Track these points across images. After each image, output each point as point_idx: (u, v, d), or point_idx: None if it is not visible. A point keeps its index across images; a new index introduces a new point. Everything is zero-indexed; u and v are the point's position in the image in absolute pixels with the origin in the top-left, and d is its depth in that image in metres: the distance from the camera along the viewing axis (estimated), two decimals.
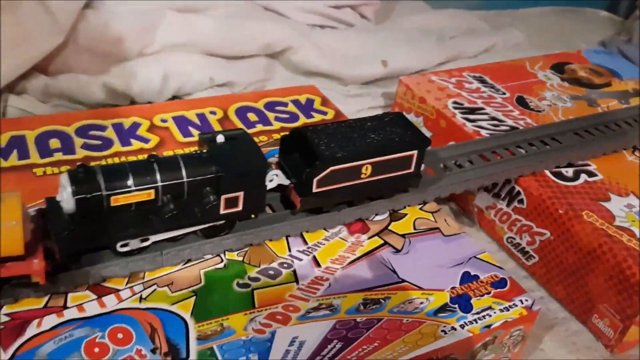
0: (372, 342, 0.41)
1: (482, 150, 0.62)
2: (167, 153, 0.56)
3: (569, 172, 0.62)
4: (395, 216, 0.53)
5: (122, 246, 0.41)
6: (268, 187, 0.47)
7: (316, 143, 0.47)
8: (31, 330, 0.38)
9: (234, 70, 0.78)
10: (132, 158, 0.55)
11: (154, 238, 0.43)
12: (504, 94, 0.76)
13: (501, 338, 0.45)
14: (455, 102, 0.72)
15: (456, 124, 0.68)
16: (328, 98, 0.70)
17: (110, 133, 0.58)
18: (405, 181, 0.52)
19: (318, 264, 0.47)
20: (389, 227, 0.52)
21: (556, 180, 0.60)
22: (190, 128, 0.61)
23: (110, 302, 0.41)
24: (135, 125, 0.60)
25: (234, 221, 0.46)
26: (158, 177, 0.41)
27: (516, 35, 0.99)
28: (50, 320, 0.38)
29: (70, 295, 0.40)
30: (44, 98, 0.67)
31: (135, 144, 0.57)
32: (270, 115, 0.65)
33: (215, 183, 0.43)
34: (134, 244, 0.42)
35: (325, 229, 0.50)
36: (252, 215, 0.47)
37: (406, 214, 0.53)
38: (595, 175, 0.62)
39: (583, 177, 0.62)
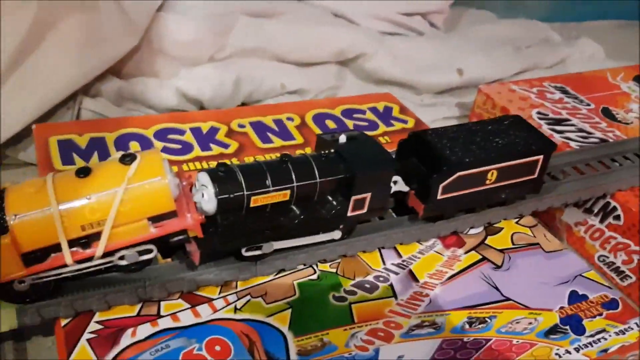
0: None
1: (576, 162, 0.59)
2: (248, 159, 0.54)
3: None
4: (490, 230, 0.50)
5: (247, 250, 0.39)
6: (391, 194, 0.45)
7: (440, 147, 0.44)
8: (126, 340, 0.36)
9: (305, 77, 0.76)
10: (213, 163, 0.53)
11: (283, 244, 0.40)
12: (589, 105, 0.72)
13: None
14: (539, 113, 0.68)
15: None
16: (406, 107, 0.68)
17: (189, 137, 0.56)
18: (526, 187, 0.49)
19: (415, 279, 0.44)
20: (486, 242, 0.48)
21: None
22: (269, 134, 0.59)
23: (205, 312, 0.38)
24: (214, 130, 0.58)
25: (354, 226, 0.44)
26: (293, 176, 0.38)
27: (592, 46, 0.95)
28: (145, 330, 0.36)
29: (162, 303, 0.38)
30: (117, 101, 0.66)
31: (215, 149, 0.55)
32: (349, 123, 0.63)
33: (345, 184, 0.40)
34: (266, 248, 0.40)
35: (420, 241, 0.47)
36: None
37: (502, 228, 0.50)
38: None
39: None
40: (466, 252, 0.47)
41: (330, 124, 0.62)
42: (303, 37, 0.76)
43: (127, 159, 0.33)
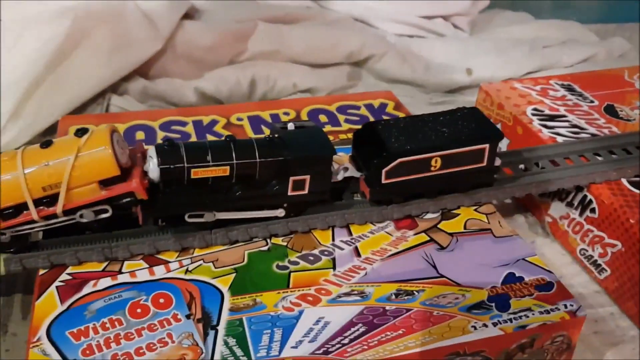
0: (397, 330, 0.41)
1: (555, 155, 0.60)
2: None
3: None
4: (447, 215, 0.53)
5: (190, 217, 0.45)
6: (339, 179, 0.50)
7: (386, 136, 0.49)
8: (87, 289, 0.43)
9: (317, 77, 0.81)
10: None
11: (223, 215, 0.46)
12: (592, 102, 0.72)
13: (541, 342, 0.43)
14: (535, 109, 0.69)
15: (532, 130, 0.65)
16: (402, 103, 0.71)
17: (189, 128, 0.63)
18: (478, 176, 0.52)
19: (358, 254, 0.48)
20: (438, 226, 0.51)
21: (632, 189, 0.56)
22: (262, 126, 0.65)
23: (160, 272, 0.45)
24: (214, 122, 0.65)
25: (300, 205, 0.49)
26: (234, 155, 0.44)
27: (621, 45, 0.93)
28: (105, 282, 0.43)
29: (126, 263, 0.45)
30: (142, 99, 0.75)
31: (210, 138, 0.62)
32: (341, 117, 0.67)
33: (284, 165, 0.46)
34: (208, 216, 0.46)
35: (372, 223, 0.51)
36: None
37: (459, 214, 0.53)
38: None
39: None
40: (416, 234, 0.50)
41: (323, 118, 0.67)
42: (316, 41, 0.81)
43: (80, 132, 0.41)
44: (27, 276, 0.50)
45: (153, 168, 0.42)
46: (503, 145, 0.51)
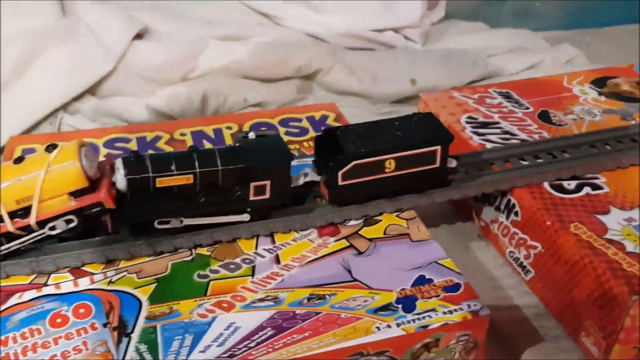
0: (303, 332, 0.43)
1: (480, 162, 0.62)
2: None
3: (572, 184, 0.60)
4: (369, 222, 0.55)
5: (159, 223, 0.48)
6: (300, 183, 0.53)
7: (343, 140, 0.52)
8: (13, 300, 0.45)
9: (267, 92, 0.84)
10: None
11: (189, 221, 0.49)
12: (527, 108, 0.74)
13: (446, 342, 0.46)
14: (469, 117, 0.72)
15: (462, 138, 0.68)
16: (343, 115, 0.74)
17: (132, 145, 0.66)
18: (432, 177, 0.54)
19: (278, 261, 0.50)
20: (360, 232, 0.54)
21: (553, 192, 0.59)
22: (204, 141, 0.67)
23: (84, 284, 0.47)
24: (157, 139, 0.67)
25: (263, 210, 0.51)
26: (197, 164, 0.47)
27: (569, 51, 0.95)
28: (30, 294, 0.46)
29: (52, 275, 0.48)
30: (94, 117, 0.78)
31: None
32: (282, 130, 0.70)
33: (245, 172, 0.48)
34: (174, 223, 0.48)
35: (296, 230, 0.53)
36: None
37: (381, 220, 0.55)
38: (601, 188, 0.60)
39: (586, 189, 0.59)
40: (337, 240, 0.53)
41: None
42: (265, 56, 0.84)
43: (50, 148, 0.44)
44: None
45: (120, 179, 0.45)
46: None
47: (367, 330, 0.44)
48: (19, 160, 0.45)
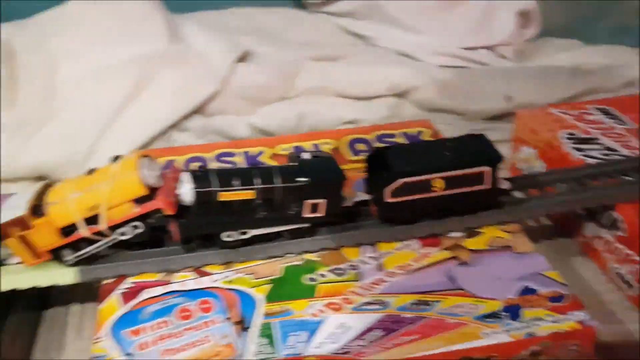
0: (412, 335, 0.45)
1: (581, 177, 0.62)
2: None
3: None
4: (471, 233, 0.56)
5: (227, 236, 0.52)
6: (352, 202, 0.54)
7: (392, 158, 0.53)
8: (144, 295, 0.49)
9: (361, 110, 0.87)
10: None
11: (251, 232, 0.52)
12: (629, 125, 0.73)
13: (553, 351, 0.46)
14: (569, 133, 0.72)
15: (563, 153, 0.68)
16: (439, 131, 0.75)
17: (238, 159, 0.70)
18: (481, 197, 0.55)
19: (383, 268, 0.52)
20: (461, 243, 0.55)
21: None
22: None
23: (205, 282, 0.51)
24: (260, 153, 0.71)
25: (315, 226, 0.54)
26: (258, 181, 0.50)
27: None
28: (159, 290, 0.50)
29: (177, 274, 0.52)
30: (201, 134, 0.83)
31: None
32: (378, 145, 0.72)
33: (301, 190, 0.51)
34: (235, 235, 0.52)
35: (396, 241, 0.55)
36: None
37: (482, 232, 0.56)
38: None
39: None
40: (439, 251, 0.54)
41: (360, 147, 0.72)
42: (359, 76, 0.87)
43: (115, 159, 0.49)
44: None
45: (186, 191, 0.49)
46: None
47: (474, 336, 0.45)
48: (90, 171, 0.49)
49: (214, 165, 0.69)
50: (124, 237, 0.49)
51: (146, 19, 0.86)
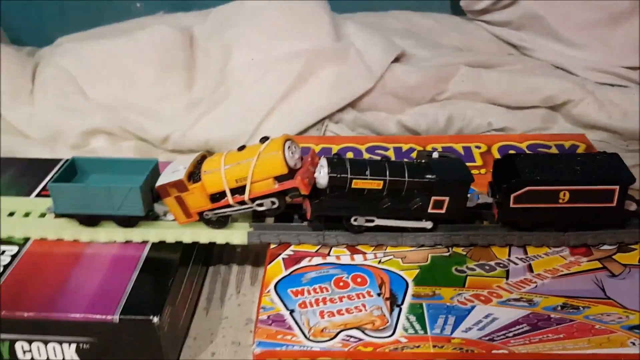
0: (558, 334, 0.46)
1: None
2: None
3: None
4: (624, 248, 0.56)
5: (354, 220, 0.56)
6: (474, 204, 0.57)
7: (521, 166, 0.55)
8: (304, 262, 0.55)
9: (512, 118, 0.87)
10: None
11: (376, 221, 0.56)
12: None
13: None
14: None
15: None
16: (595, 147, 0.75)
17: (390, 152, 0.74)
18: (607, 216, 0.55)
19: (531, 270, 0.54)
20: (613, 256, 0.55)
21: None
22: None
23: (358, 259, 0.55)
24: (411, 150, 0.75)
25: (437, 222, 0.57)
26: (387, 173, 0.54)
27: None
28: (317, 260, 0.55)
29: (333, 249, 0.57)
30: (352, 127, 0.88)
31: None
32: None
33: (428, 186, 0.54)
34: (361, 221, 0.56)
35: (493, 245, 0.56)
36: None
37: (636, 249, 0.56)
38: None
39: None
40: (589, 261, 0.54)
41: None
42: (514, 84, 0.88)
43: (263, 139, 0.54)
44: (255, 252, 0.65)
45: (323, 175, 0.53)
46: None
47: (621, 343, 0.45)
48: (241, 148, 0.54)
49: (366, 157, 0.74)
50: (260, 209, 0.54)
51: (314, 17, 0.93)
